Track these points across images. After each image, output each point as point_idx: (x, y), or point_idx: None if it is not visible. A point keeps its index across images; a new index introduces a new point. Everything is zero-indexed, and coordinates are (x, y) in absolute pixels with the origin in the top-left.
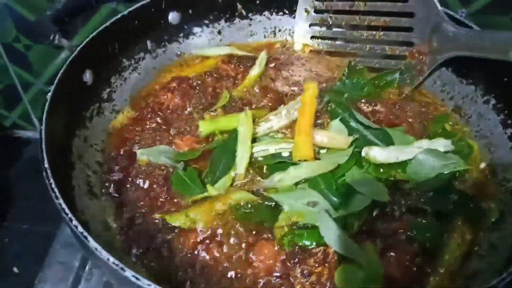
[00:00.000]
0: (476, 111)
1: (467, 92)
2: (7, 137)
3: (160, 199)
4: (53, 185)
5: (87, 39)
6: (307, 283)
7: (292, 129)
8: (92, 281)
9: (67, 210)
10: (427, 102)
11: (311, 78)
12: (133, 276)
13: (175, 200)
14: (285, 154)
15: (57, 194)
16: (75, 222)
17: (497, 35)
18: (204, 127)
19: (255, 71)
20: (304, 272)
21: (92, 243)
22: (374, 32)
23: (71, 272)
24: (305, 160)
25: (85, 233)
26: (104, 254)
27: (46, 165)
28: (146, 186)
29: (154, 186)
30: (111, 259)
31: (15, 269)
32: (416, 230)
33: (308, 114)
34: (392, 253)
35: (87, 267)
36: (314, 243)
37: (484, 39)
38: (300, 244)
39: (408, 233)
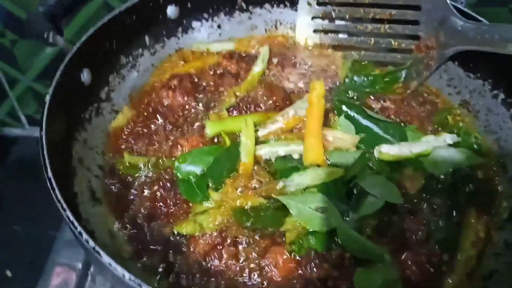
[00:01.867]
0: (484, 106)
1: (474, 86)
2: None
3: (167, 204)
4: (58, 196)
5: (85, 37)
6: None
7: (300, 129)
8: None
9: (76, 224)
10: (434, 97)
11: (316, 74)
12: None
13: (183, 205)
14: (295, 156)
15: (64, 205)
16: (85, 236)
17: (506, 29)
18: (211, 128)
19: (258, 68)
20: (321, 277)
21: (106, 258)
22: (379, 25)
23: (73, 275)
24: (317, 165)
25: (97, 248)
26: (119, 270)
27: (50, 175)
28: (151, 190)
29: (161, 190)
30: (127, 275)
31: (8, 273)
32: (431, 229)
33: (316, 114)
34: (408, 255)
35: (89, 275)
36: (323, 248)
37: (492, 33)
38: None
39: (423, 233)
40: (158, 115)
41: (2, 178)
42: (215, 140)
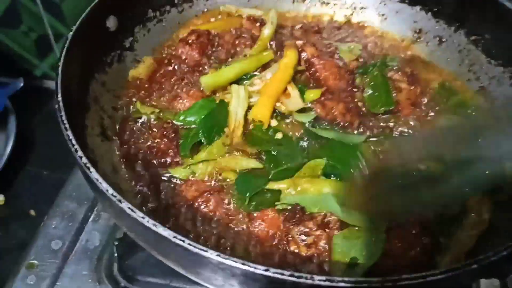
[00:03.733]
0: (502, 93)
1: (494, 73)
2: (36, 87)
3: (169, 151)
4: (63, 117)
5: None
6: (303, 244)
7: None
8: (99, 223)
9: (73, 141)
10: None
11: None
12: (128, 208)
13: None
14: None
15: (66, 125)
16: (80, 153)
17: None
18: (206, 82)
19: (267, 30)
20: (301, 233)
21: (94, 174)
22: None
23: (79, 213)
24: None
25: (88, 164)
26: (104, 185)
27: (59, 98)
28: (156, 137)
29: (164, 139)
30: (110, 190)
31: (32, 212)
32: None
33: (279, 79)
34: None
35: (95, 210)
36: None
37: None
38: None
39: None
40: (171, 68)
41: (39, 126)
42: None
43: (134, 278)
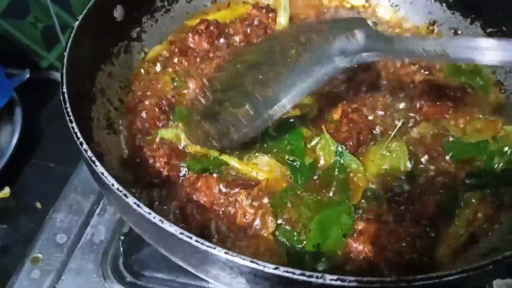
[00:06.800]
0: None
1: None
2: (43, 78)
3: None
4: (68, 109)
5: None
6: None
7: None
8: (104, 216)
9: (79, 134)
10: None
11: None
12: (134, 203)
13: None
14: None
15: (71, 118)
16: (85, 146)
17: None
18: None
19: (283, 19)
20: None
21: (100, 168)
22: None
23: (85, 206)
24: None
25: (94, 158)
26: (109, 179)
27: (64, 90)
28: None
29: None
30: (116, 185)
31: (38, 204)
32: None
33: None
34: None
35: (101, 203)
36: None
37: None
38: None
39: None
40: (183, 58)
41: (46, 118)
42: None
43: (140, 273)
